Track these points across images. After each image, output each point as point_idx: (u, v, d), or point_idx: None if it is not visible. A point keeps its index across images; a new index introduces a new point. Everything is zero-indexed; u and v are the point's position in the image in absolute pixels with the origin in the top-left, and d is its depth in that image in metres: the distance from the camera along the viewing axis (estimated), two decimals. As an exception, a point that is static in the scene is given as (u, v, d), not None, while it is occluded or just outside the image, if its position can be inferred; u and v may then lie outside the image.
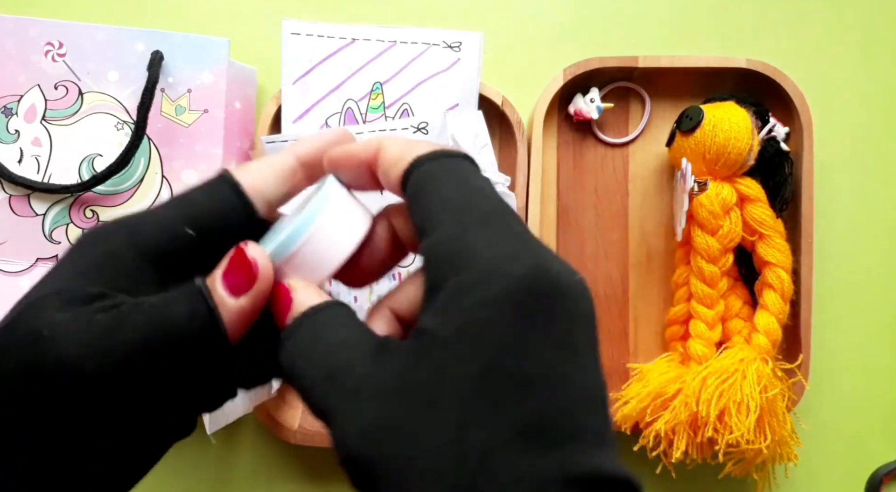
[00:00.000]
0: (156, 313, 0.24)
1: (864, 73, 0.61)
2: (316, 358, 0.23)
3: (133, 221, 0.26)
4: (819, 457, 0.59)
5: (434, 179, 0.24)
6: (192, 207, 0.27)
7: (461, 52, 0.55)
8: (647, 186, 0.59)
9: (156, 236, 0.26)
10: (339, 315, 0.24)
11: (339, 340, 0.23)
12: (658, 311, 0.59)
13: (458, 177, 0.25)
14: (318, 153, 0.28)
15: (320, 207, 0.26)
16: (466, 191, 0.24)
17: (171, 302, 0.24)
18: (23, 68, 0.52)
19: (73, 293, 0.24)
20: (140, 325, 0.23)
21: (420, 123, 0.53)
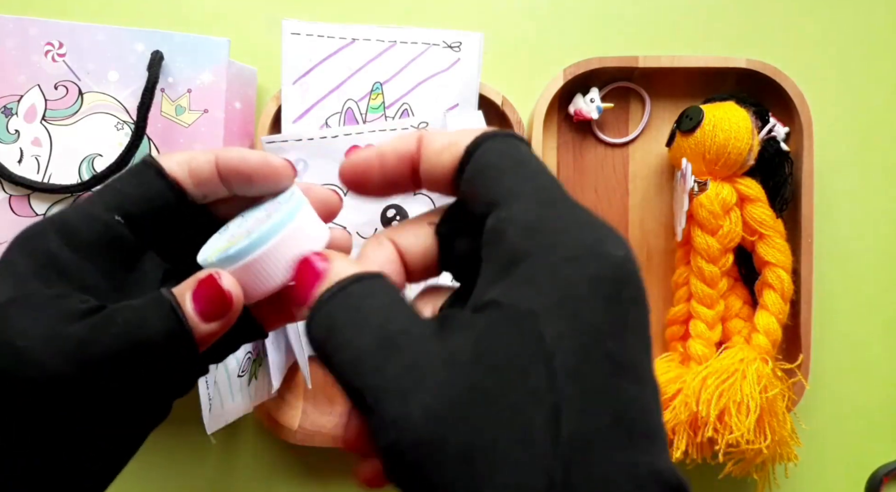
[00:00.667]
0: (131, 328, 0.24)
1: (864, 73, 0.61)
2: (362, 327, 0.20)
3: (61, 219, 0.27)
4: (819, 457, 0.59)
5: (501, 156, 0.23)
6: (118, 195, 0.27)
7: (461, 52, 0.55)
8: (647, 186, 0.59)
9: (86, 230, 0.26)
10: (383, 285, 0.22)
11: (386, 307, 0.21)
12: (658, 311, 0.59)
13: (521, 155, 0.23)
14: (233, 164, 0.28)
15: (290, 216, 0.26)
16: (535, 168, 0.23)
17: (145, 318, 0.24)
18: (23, 68, 0.52)
19: (34, 298, 0.25)
20: (116, 338, 0.24)
21: (420, 123, 0.53)
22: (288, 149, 0.53)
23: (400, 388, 0.19)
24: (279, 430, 0.55)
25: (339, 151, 0.54)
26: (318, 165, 0.54)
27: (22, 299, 0.25)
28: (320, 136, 0.54)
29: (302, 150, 0.54)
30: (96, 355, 0.23)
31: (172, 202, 0.28)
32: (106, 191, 0.28)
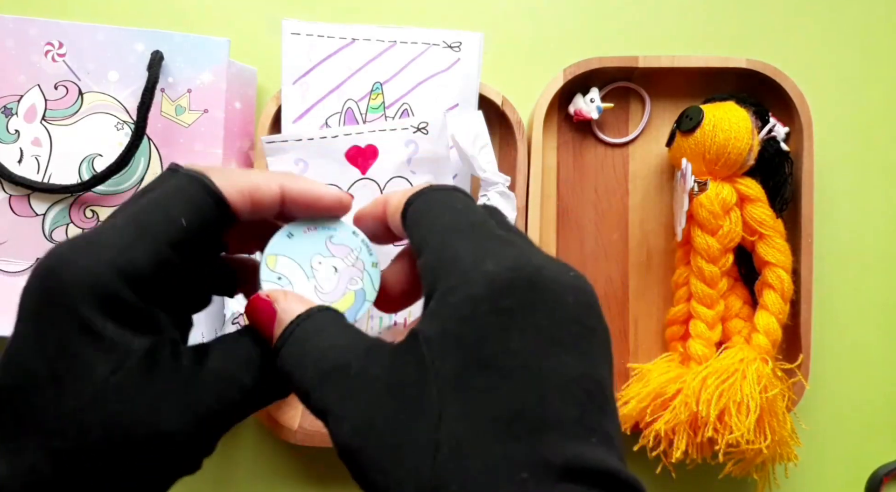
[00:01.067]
0: (225, 382, 0.26)
1: (864, 73, 0.61)
2: (309, 364, 0.24)
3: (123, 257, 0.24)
4: (819, 457, 0.59)
5: (424, 209, 0.27)
6: (173, 226, 0.25)
7: (461, 52, 0.55)
8: (647, 186, 0.59)
9: (150, 269, 0.25)
10: (327, 320, 0.26)
11: (328, 344, 0.25)
12: (658, 311, 0.59)
13: (443, 203, 0.27)
14: (303, 200, 0.29)
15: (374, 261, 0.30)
16: (451, 212, 0.26)
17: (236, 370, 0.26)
18: (23, 68, 0.52)
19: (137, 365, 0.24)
20: (211, 392, 0.25)
21: (420, 123, 0.53)
22: (288, 149, 0.53)
23: (337, 412, 0.23)
24: (279, 430, 0.55)
25: (339, 151, 0.54)
26: (318, 165, 0.54)
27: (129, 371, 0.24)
28: (320, 136, 0.54)
29: (302, 150, 0.54)
30: (195, 409, 0.25)
31: (219, 227, 0.27)
32: (165, 220, 0.25)
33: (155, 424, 0.24)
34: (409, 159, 0.54)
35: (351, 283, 0.29)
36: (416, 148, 0.54)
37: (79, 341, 0.23)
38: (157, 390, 0.24)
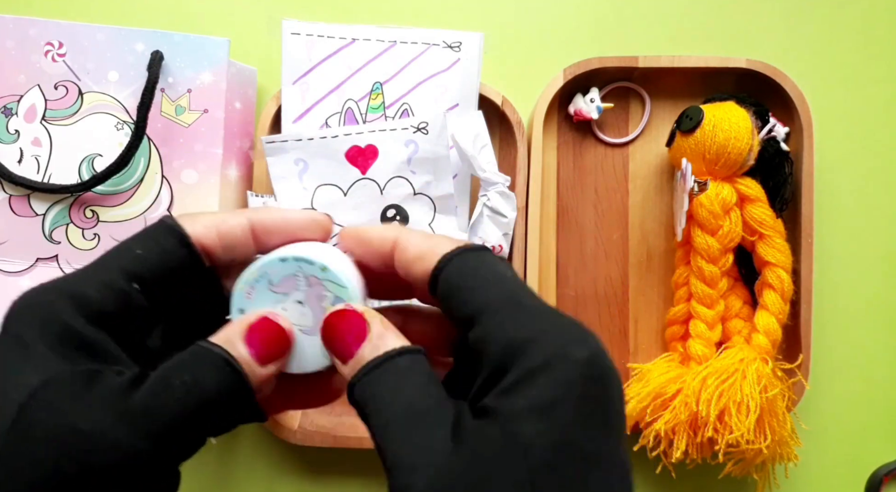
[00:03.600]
0: (191, 388, 0.24)
1: (864, 73, 0.61)
2: (394, 401, 0.24)
3: (73, 286, 0.25)
4: (819, 457, 0.59)
5: (468, 275, 0.26)
6: (135, 260, 0.26)
7: (461, 52, 0.55)
8: (647, 186, 0.59)
9: (101, 298, 0.25)
10: (419, 364, 0.25)
11: (416, 389, 0.24)
12: (658, 311, 0.59)
13: (487, 269, 0.26)
14: (274, 226, 0.29)
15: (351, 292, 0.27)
16: (501, 279, 0.26)
17: (201, 375, 0.24)
18: (23, 68, 0.52)
19: (68, 378, 0.23)
20: (180, 402, 0.24)
21: (420, 123, 0.53)
22: (288, 149, 0.53)
23: (412, 462, 0.22)
24: (279, 430, 0.55)
25: (339, 151, 0.54)
26: (318, 165, 0.54)
27: (56, 382, 0.23)
28: (320, 136, 0.54)
29: (302, 150, 0.54)
30: (165, 423, 0.23)
31: (189, 266, 0.27)
32: (121, 254, 0.26)
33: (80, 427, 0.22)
34: (409, 159, 0.54)
35: (322, 301, 0.27)
36: (416, 148, 0.54)
37: (12, 354, 0.24)
38: (90, 399, 0.23)
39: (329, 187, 0.55)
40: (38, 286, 0.25)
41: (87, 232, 0.53)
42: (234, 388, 0.25)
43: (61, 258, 0.52)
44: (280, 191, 0.54)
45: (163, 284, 0.26)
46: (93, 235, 0.53)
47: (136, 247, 0.26)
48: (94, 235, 0.53)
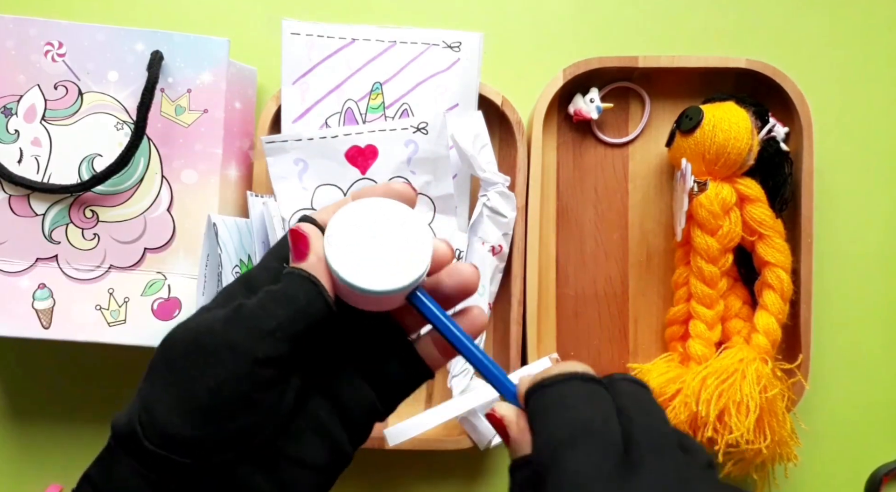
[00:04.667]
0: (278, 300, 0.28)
1: (864, 73, 0.61)
2: (566, 417, 0.26)
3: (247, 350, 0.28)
4: (819, 457, 0.59)
5: (551, 405, 0.27)
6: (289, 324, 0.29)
7: (461, 52, 0.55)
8: (647, 186, 0.59)
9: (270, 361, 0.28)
10: (595, 389, 0.27)
11: (589, 411, 0.26)
12: (658, 311, 0.59)
13: (572, 404, 0.27)
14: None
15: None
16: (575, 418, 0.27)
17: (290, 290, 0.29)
18: (23, 68, 0.52)
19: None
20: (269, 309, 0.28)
21: (420, 123, 0.53)
22: (288, 149, 0.53)
23: (576, 469, 0.24)
24: (279, 430, 0.55)
25: (339, 151, 0.54)
26: (318, 164, 0.54)
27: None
28: (320, 136, 0.54)
29: (302, 150, 0.54)
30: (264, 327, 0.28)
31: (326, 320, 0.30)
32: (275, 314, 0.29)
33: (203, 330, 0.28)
34: (408, 159, 0.54)
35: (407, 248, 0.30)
36: (416, 148, 0.54)
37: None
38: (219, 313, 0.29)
39: (329, 187, 0.55)
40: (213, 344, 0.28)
41: (87, 232, 0.53)
42: (314, 294, 0.29)
43: (61, 258, 0.52)
44: (280, 191, 0.54)
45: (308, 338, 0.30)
46: (93, 235, 0.53)
47: (284, 307, 0.29)
48: (93, 235, 0.53)
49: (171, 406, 0.27)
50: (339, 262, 0.29)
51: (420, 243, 0.30)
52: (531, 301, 0.55)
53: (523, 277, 0.55)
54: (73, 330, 0.52)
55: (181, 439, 0.27)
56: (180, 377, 0.28)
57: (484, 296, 0.55)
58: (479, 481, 0.60)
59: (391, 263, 0.30)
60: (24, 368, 0.60)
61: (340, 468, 0.32)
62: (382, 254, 0.30)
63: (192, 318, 0.30)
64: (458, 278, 0.31)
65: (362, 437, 0.32)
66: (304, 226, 0.30)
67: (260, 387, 0.28)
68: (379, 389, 0.32)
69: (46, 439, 0.60)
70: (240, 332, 0.28)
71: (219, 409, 0.27)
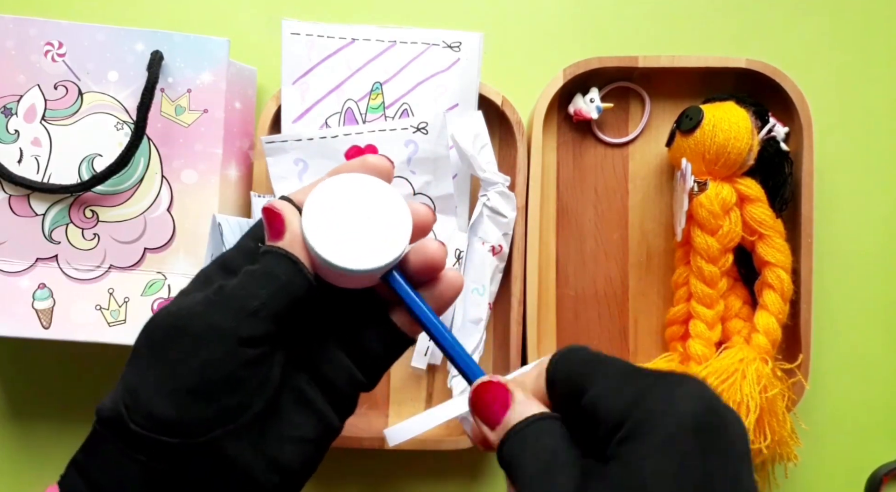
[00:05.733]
0: (259, 279, 0.29)
1: (864, 73, 0.61)
2: (534, 457, 0.26)
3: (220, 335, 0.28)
4: (819, 457, 0.59)
5: (575, 362, 0.29)
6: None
7: (461, 52, 0.55)
8: (647, 186, 0.59)
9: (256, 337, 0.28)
10: (556, 427, 0.27)
11: (553, 447, 0.26)
12: (658, 311, 0.59)
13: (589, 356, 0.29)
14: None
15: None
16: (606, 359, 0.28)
17: (272, 268, 0.29)
18: (22, 68, 0.52)
19: None
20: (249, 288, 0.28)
21: (420, 123, 0.53)
22: (288, 149, 0.53)
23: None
24: (279, 430, 0.55)
25: (339, 151, 0.54)
26: (318, 165, 0.54)
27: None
28: (320, 136, 0.54)
29: (302, 150, 0.54)
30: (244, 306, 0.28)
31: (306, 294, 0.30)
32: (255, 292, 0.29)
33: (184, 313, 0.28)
34: (408, 159, 0.54)
35: (385, 225, 0.30)
36: (416, 148, 0.54)
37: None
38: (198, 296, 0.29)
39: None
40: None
41: (87, 232, 0.53)
42: (294, 272, 0.29)
43: (61, 258, 0.52)
44: (280, 191, 0.54)
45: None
46: (92, 235, 0.53)
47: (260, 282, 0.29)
48: (93, 235, 0.53)
49: (155, 388, 0.27)
50: (318, 240, 0.29)
51: (398, 219, 0.30)
52: (531, 301, 0.55)
53: (523, 277, 0.55)
54: (73, 330, 0.52)
55: (167, 419, 0.27)
56: (164, 361, 0.28)
57: (484, 296, 0.55)
58: (479, 481, 0.60)
59: (370, 241, 0.29)
60: (23, 368, 0.60)
61: (328, 440, 0.32)
62: (360, 231, 0.30)
63: (173, 303, 0.29)
64: (422, 255, 0.31)
65: (348, 408, 0.32)
66: (278, 203, 0.30)
67: (245, 366, 0.28)
68: (359, 360, 0.32)
69: (46, 439, 0.60)
70: (222, 313, 0.28)
71: (204, 389, 0.27)
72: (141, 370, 0.28)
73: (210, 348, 0.27)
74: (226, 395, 0.27)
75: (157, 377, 0.27)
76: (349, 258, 0.29)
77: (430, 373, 0.58)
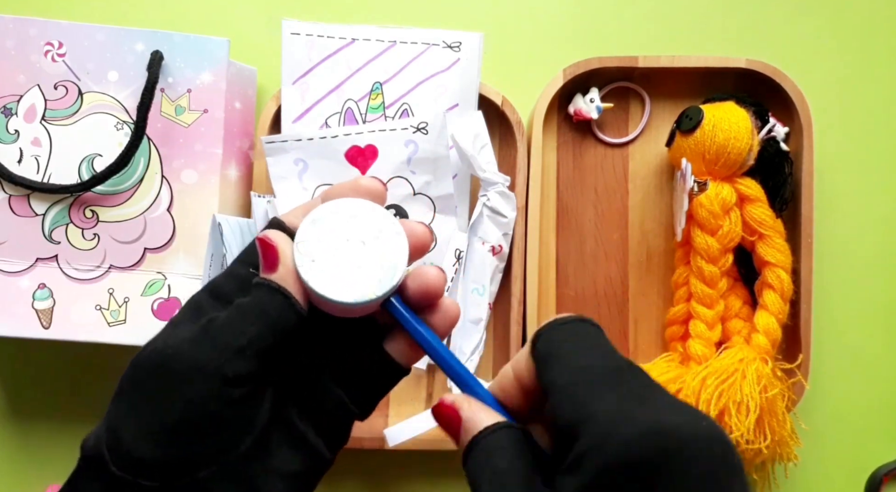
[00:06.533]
0: (247, 313, 0.28)
1: (864, 73, 0.61)
2: (484, 478, 0.26)
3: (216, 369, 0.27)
4: (819, 457, 0.59)
5: (555, 347, 0.27)
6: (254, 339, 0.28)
7: (461, 52, 0.55)
8: (647, 186, 0.59)
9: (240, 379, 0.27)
10: (506, 439, 0.27)
11: (503, 467, 0.26)
12: (658, 311, 0.59)
13: (575, 340, 0.28)
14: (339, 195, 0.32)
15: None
16: (584, 352, 0.27)
17: (263, 303, 0.28)
18: (23, 68, 0.52)
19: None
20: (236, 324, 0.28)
21: (420, 123, 0.53)
22: (288, 149, 0.53)
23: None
24: (279, 430, 0.55)
25: (339, 151, 0.54)
26: (318, 165, 0.54)
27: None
28: (320, 136, 0.54)
29: (302, 150, 0.54)
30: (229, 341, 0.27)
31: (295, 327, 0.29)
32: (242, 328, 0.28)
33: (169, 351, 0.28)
34: (408, 159, 0.54)
35: (379, 253, 0.29)
36: (416, 148, 0.54)
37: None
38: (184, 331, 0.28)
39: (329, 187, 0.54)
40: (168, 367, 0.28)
41: (87, 232, 0.53)
42: (286, 307, 0.28)
43: (61, 258, 0.52)
44: (280, 191, 0.54)
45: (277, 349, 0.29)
46: (92, 235, 0.53)
47: (250, 320, 0.28)
48: (93, 235, 0.53)
49: (137, 429, 0.27)
50: (311, 272, 0.28)
51: (394, 244, 0.29)
52: (531, 301, 0.55)
53: (523, 277, 0.55)
54: (73, 330, 0.52)
55: (148, 461, 0.26)
56: (148, 400, 0.27)
57: (484, 296, 0.55)
58: (479, 481, 0.60)
59: (365, 270, 0.29)
60: (23, 368, 0.60)
61: (320, 473, 0.31)
62: (355, 261, 0.29)
63: (160, 336, 0.29)
64: (420, 282, 0.30)
65: (341, 439, 0.32)
66: (272, 234, 0.29)
67: (230, 405, 0.27)
68: (352, 391, 0.31)
69: (46, 439, 0.60)
70: (207, 351, 0.27)
71: (187, 430, 0.26)
72: (123, 409, 0.27)
73: (193, 387, 0.26)
74: (210, 435, 0.27)
75: (140, 417, 0.27)
76: (345, 291, 0.28)
77: (430, 373, 0.58)
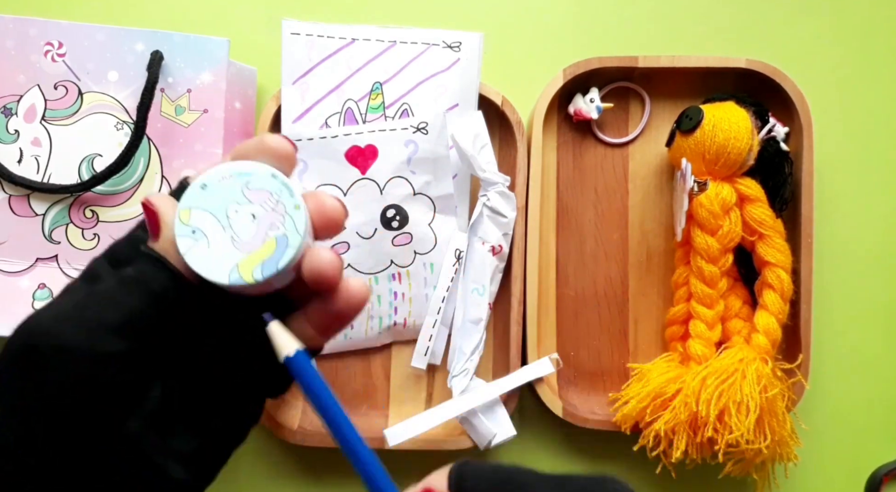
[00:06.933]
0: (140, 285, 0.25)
1: (864, 73, 0.61)
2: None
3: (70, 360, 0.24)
4: (819, 457, 0.59)
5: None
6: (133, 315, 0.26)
7: (461, 52, 0.55)
8: (647, 186, 0.59)
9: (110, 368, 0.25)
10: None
11: None
12: (658, 311, 0.59)
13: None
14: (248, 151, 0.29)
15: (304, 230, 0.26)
16: None
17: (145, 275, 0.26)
18: (22, 68, 0.52)
19: None
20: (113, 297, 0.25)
21: (420, 123, 0.53)
22: (288, 149, 0.53)
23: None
24: (279, 430, 0.55)
25: (339, 151, 0.54)
26: (318, 165, 0.54)
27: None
28: (320, 136, 0.54)
29: (302, 150, 0.54)
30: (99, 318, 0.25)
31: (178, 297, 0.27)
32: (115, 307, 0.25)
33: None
34: (408, 159, 0.54)
35: (271, 229, 0.26)
36: (416, 148, 0.54)
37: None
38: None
39: (329, 187, 0.55)
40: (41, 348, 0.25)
41: (87, 232, 0.53)
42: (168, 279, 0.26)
43: (61, 258, 0.52)
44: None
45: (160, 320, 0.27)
46: (92, 235, 0.53)
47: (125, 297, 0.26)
48: (93, 235, 0.53)
49: (7, 419, 0.24)
50: (188, 244, 0.25)
51: (290, 222, 0.26)
52: (531, 301, 0.55)
53: (523, 277, 0.55)
54: (73, 330, 0.52)
55: (13, 457, 0.24)
56: (11, 386, 0.24)
57: (484, 296, 0.55)
58: (479, 481, 0.60)
59: (249, 249, 0.25)
60: (24, 368, 0.60)
61: (225, 454, 0.29)
62: (241, 236, 0.26)
63: (42, 309, 0.26)
64: (310, 266, 0.26)
65: (247, 419, 0.29)
66: (155, 198, 0.26)
67: (106, 387, 0.24)
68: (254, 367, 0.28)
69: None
70: (76, 330, 0.24)
71: (56, 419, 0.24)
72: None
73: (59, 370, 0.24)
74: (83, 422, 0.24)
75: (8, 407, 0.24)
76: (221, 270, 0.25)
77: (430, 373, 0.58)
